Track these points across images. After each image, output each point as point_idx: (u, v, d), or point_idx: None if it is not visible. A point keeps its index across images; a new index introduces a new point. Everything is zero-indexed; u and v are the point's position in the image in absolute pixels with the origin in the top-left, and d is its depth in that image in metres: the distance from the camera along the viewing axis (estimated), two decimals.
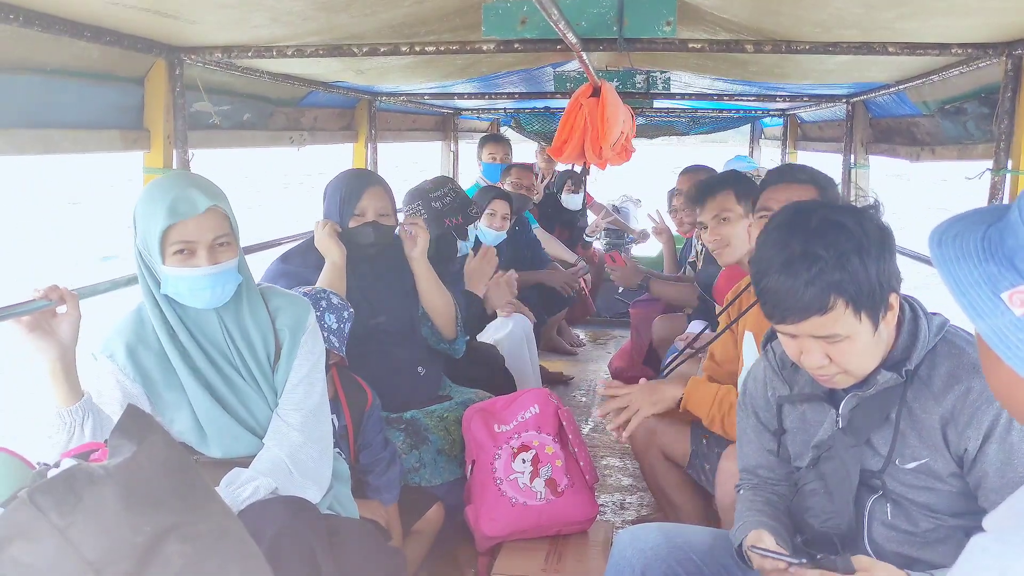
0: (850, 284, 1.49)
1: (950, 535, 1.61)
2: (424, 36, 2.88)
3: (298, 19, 2.29)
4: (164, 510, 1.36)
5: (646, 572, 1.83)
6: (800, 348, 1.59)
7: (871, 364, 1.60)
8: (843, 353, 1.55)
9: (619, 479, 3.75)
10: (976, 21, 2.33)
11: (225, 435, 1.94)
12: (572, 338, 6.12)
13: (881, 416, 1.63)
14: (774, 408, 1.84)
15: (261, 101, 3.42)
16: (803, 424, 1.79)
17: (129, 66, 2.52)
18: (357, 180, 2.92)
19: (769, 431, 1.87)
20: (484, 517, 2.66)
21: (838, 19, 2.42)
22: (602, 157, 3.71)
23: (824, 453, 1.71)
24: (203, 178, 1.96)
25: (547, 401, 2.84)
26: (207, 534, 1.39)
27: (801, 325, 1.54)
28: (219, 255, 1.88)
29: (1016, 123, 2.67)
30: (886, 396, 1.62)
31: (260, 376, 1.99)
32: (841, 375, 1.60)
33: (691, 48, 2.63)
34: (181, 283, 1.87)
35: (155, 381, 1.93)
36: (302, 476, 1.94)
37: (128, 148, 2.58)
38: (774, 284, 1.53)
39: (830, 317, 1.51)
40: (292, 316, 2.05)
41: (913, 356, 1.60)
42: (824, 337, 1.54)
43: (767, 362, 1.88)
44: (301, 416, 1.99)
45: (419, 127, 5.93)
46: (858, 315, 1.52)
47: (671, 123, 7.06)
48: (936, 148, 3.67)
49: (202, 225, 1.85)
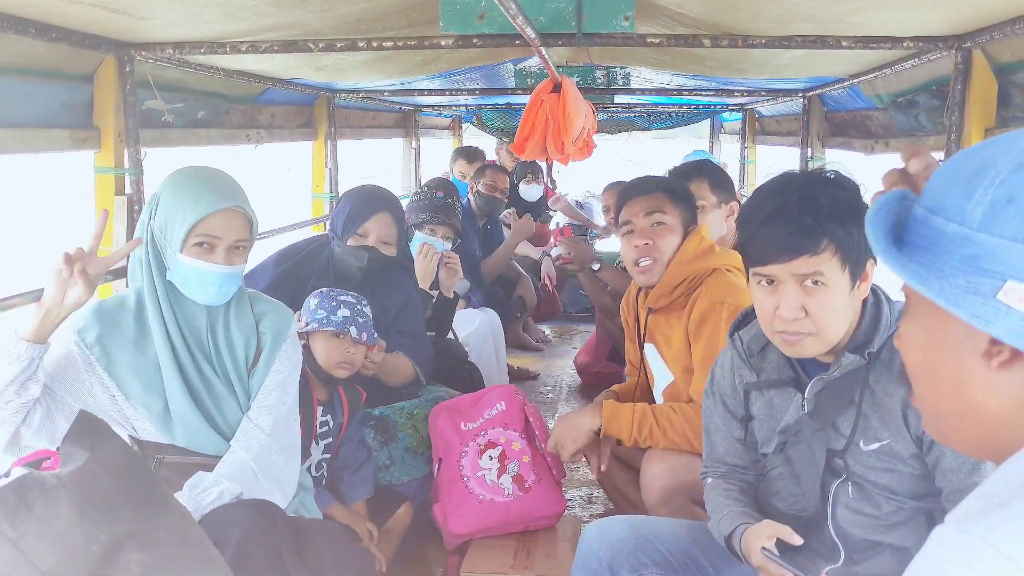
0: (841, 233, 1.55)
1: (912, 517, 1.64)
2: (382, 32, 2.85)
3: (252, 15, 2.25)
4: (120, 518, 1.33)
5: (613, 564, 1.83)
6: (778, 300, 1.60)
7: (840, 329, 1.62)
8: (820, 305, 1.58)
9: (586, 473, 3.76)
10: (927, 15, 2.37)
11: (192, 431, 1.92)
12: (538, 334, 6.13)
13: (846, 399, 1.65)
14: (741, 395, 1.85)
15: (216, 98, 3.37)
16: (770, 410, 1.80)
17: (77, 63, 2.46)
18: (369, 201, 2.90)
19: (736, 418, 1.88)
20: (452, 515, 2.64)
21: (793, 13, 2.45)
22: (564, 152, 3.73)
23: (791, 438, 1.73)
24: (232, 179, 1.98)
25: (513, 398, 2.83)
26: (166, 541, 1.36)
27: (790, 264, 1.56)
28: (234, 257, 1.91)
29: (966, 115, 2.72)
30: (849, 379, 1.65)
31: (235, 377, 1.99)
32: (811, 337, 1.61)
33: (649, 43, 2.65)
34: (192, 274, 1.88)
35: (125, 367, 1.91)
36: (267, 480, 1.93)
37: (78, 147, 2.53)
38: (769, 225, 1.57)
39: (819, 259, 1.55)
40: (275, 322, 2.06)
41: (875, 339, 1.63)
42: (808, 276, 1.56)
43: (734, 350, 1.88)
44: (272, 420, 1.98)
45: (379, 124, 5.89)
46: (843, 267, 1.56)
47: (631, 118, 7.11)
48: (890, 141, 3.73)
49: (229, 224, 1.89)
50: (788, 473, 1.75)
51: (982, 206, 0.78)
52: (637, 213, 2.53)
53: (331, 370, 2.36)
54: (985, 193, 0.78)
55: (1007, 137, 0.82)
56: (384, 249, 2.87)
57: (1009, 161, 0.78)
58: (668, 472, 2.34)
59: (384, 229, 2.86)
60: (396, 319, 2.96)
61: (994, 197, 0.77)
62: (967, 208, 0.79)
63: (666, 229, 2.50)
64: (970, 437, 0.87)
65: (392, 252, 2.91)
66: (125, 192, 2.73)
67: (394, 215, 2.91)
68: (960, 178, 0.81)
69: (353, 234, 2.83)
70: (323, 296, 2.47)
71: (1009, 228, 0.76)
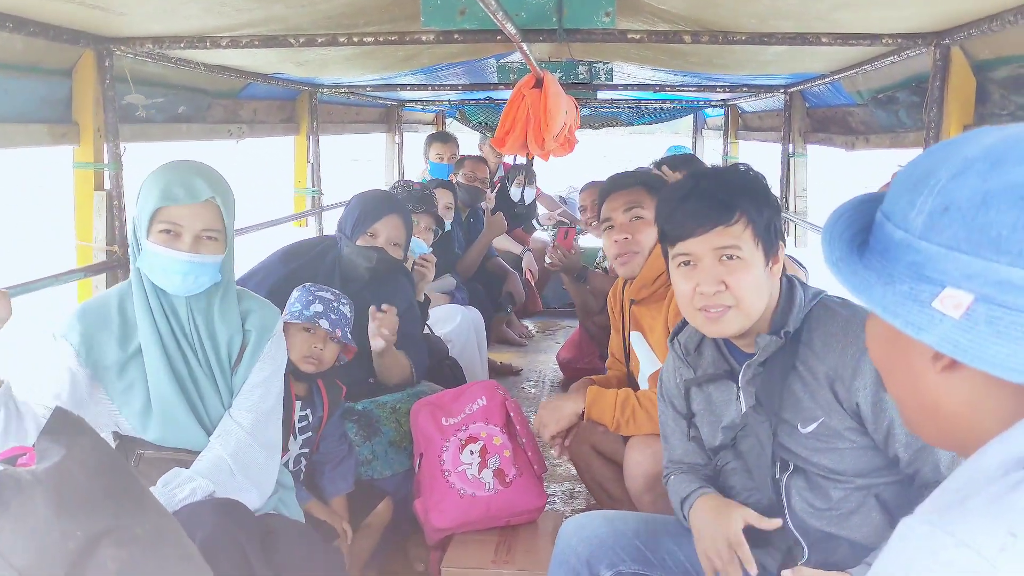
0: (752, 208, 1.65)
1: (862, 503, 1.66)
2: (363, 27, 2.85)
3: (231, 10, 2.24)
4: (96, 514, 1.32)
5: (591, 560, 1.84)
6: (697, 279, 1.67)
7: (759, 303, 1.66)
8: (738, 280, 1.64)
9: (568, 468, 3.77)
10: (906, 12, 2.39)
11: (172, 422, 1.92)
12: (521, 329, 6.13)
13: (781, 384, 1.69)
14: (682, 392, 1.90)
15: (197, 93, 3.34)
16: (709, 405, 1.84)
17: (56, 58, 2.44)
18: (380, 203, 2.94)
19: (684, 418, 1.92)
20: (433, 509, 2.65)
21: (774, 10, 2.46)
22: (545, 148, 3.72)
23: (739, 432, 1.76)
24: (214, 171, 1.95)
25: (494, 393, 2.84)
26: (142, 537, 1.36)
27: (705, 236, 1.64)
28: (203, 247, 1.88)
29: (945, 111, 2.74)
30: (776, 363, 1.69)
31: (218, 372, 1.98)
32: (732, 311, 1.66)
33: (630, 39, 2.65)
34: (156, 261, 1.87)
35: (108, 366, 1.90)
36: (244, 478, 1.92)
37: (56, 142, 2.51)
38: (685, 202, 1.67)
39: (733, 230, 1.64)
40: (261, 319, 2.05)
41: (790, 320, 1.69)
42: (724, 250, 1.64)
43: (674, 352, 1.94)
44: (253, 418, 1.98)
45: (362, 119, 5.87)
46: (756, 242, 1.65)
47: (615, 114, 7.12)
48: (870, 137, 3.76)
49: (196, 213, 1.86)
50: (741, 468, 1.79)
51: (923, 214, 0.80)
52: (616, 208, 2.60)
53: (298, 363, 2.36)
54: (926, 201, 0.80)
55: (954, 142, 0.83)
56: (392, 251, 2.90)
57: (949, 168, 0.80)
58: (652, 458, 2.37)
59: (394, 231, 2.90)
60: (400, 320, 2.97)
61: (933, 206, 0.79)
62: (911, 215, 0.81)
63: (644, 223, 2.55)
64: (934, 431, 0.88)
65: (400, 255, 2.95)
66: (104, 187, 2.72)
67: (404, 219, 2.95)
68: (908, 184, 0.83)
69: (363, 234, 2.86)
70: (303, 290, 2.48)
71: (946, 236, 0.78)
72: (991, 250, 0.76)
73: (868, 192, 0.97)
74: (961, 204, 0.78)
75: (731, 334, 1.71)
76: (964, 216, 0.77)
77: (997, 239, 0.76)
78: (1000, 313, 0.76)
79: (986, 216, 0.76)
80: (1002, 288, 0.76)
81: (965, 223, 0.77)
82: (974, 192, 0.77)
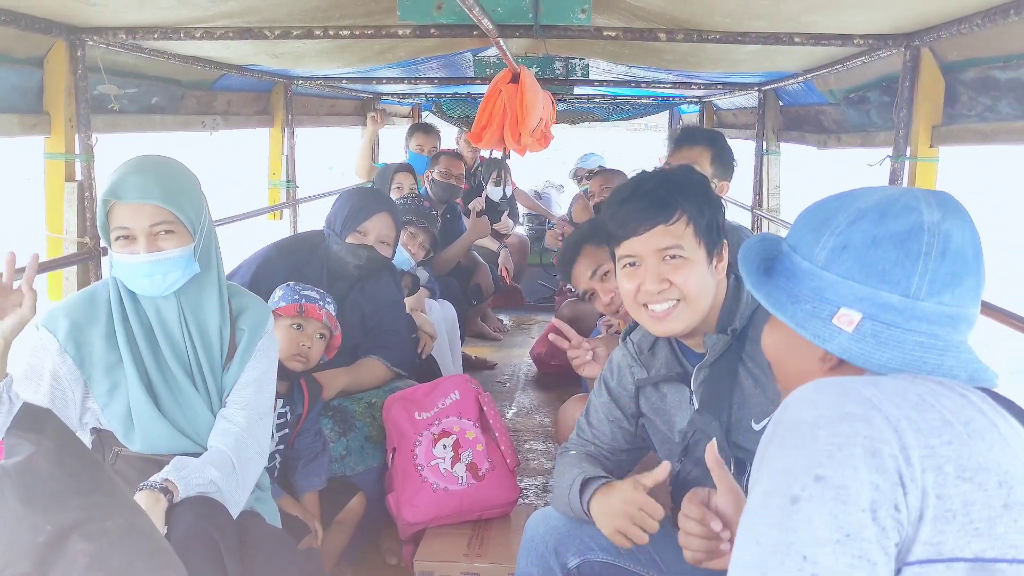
0: (693, 207, 1.67)
1: None
2: (339, 20, 2.84)
3: (206, 1, 2.23)
4: (66, 508, 1.31)
5: (559, 548, 1.85)
6: (641, 278, 1.69)
7: (705, 299, 1.69)
8: (683, 277, 1.67)
9: (542, 462, 3.80)
10: (877, 14, 2.42)
11: (151, 430, 1.89)
12: (496, 323, 6.14)
13: (729, 384, 1.71)
14: (632, 390, 1.91)
15: (171, 84, 3.31)
16: (663, 405, 1.86)
17: (27, 47, 2.41)
18: (369, 200, 2.95)
19: (624, 412, 1.94)
20: (406, 504, 2.66)
21: (747, 10, 2.49)
22: (521, 143, 3.73)
23: (691, 439, 1.78)
24: (166, 166, 1.88)
25: (467, 387, 2.85)
26: (112, 531, 1.35)
27: (647, 236, 1.67)
28: (160, 242, 1.83)
29: (914, 112, 2.78)
30: (725, 362, 1.71)
31: (208, 371, 1.95)
32: (680, 305, 1.68)
33: (606, 36, 2.66)
34: (122, 269, 1.85)
35: (95, 364, 1.87)
36: (243, 474, 1.91)
37: (27, 133, 2.48)
38: (627, 203, 1.70)
39: (674, 229, 1.66)
40: (254, 318, 2.02)
41: (737, 317, 1.72)
42: (667, 250, 1.66)
43: (626, 351, 1.95)
44: (246, 416, 1.95)
45: (338, 112, 5.84)
46: (698, 241, 1.67)
47: (591, 109, 7.13)
48: (842, 136, 3.80)
49: (137, 212, 1.81)
50: (703, 475, 1.76)
51: (826, 249, 1.06)
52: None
53: (286, 362, 2.36)
54: (828, 240, 1.07)
55: (850, 194, 1.10)
56: (382, 249, 2.91)
57: (847, 216, 1.06)
58: None
59: (384, 229, 2.91)
60: (384, 316, 3.00)
61: (834, 244, 1.06)
62: (815, 250, 1.08)
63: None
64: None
65: (389, 253, 2.96)
66: (76, 178, 2.69)
67: (394, 217, 2.96)
68: (812, 224, 1.10)
69: (353, 231, 2.86)
70: (288, 289, 2.52)
71: (843, 268, 1.04)
72: (877, 280, 1.02)
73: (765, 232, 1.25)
74: (856, 244, 1.04)
75: (678, 331, 1.72)
76: (858, 253, 1.03)
77: (882, 271, 1.02)
78: (881, 328, 1.02)
79: (875, 254, 1.02)
80: (884, 309, 1.01)
81: (859, 259, 1.03)
82: (866, 235, 1.03)
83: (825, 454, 0.86)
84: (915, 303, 1.01)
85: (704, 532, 1.32)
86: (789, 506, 0.85)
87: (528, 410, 4.48)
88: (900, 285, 1.01)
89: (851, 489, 0.83)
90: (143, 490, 1.72)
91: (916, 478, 0.84)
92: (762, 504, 0.89)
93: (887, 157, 2.88)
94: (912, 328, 1.01)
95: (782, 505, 0.86)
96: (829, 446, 0.86)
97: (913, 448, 0.85)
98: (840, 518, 0.82)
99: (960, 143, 2.68)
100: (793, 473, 0.87)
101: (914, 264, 1.01)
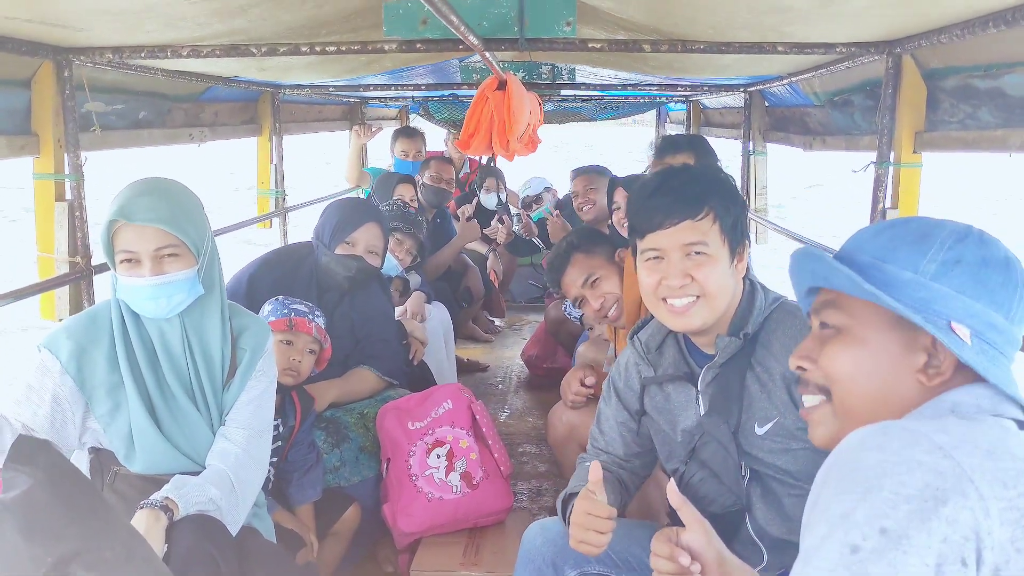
0: (720, 204, 1.68)
1: None
2: (325, 36, 2.85)
3: (192, 24, 2.24)
4: (65, 539, 1.33)
5: (556, 561, 1.86)
6: (663, 272, 1.70)
7: (723, 298, 1.71)
8: (705, 274, 1.68)
9: (536, 466, 3.82)
10: (858, 24, 2.44)
11: (152, 451, 1.90)
12: (488, 325, 6.15)
13: (737, 387, 1.73)
14: (638, 389, 1.93)
15: (157, 98, 3.32)
16: (667, 405, 1.87)
17: (14, 68, 2.41)
18: (358, 211, 2.97)
19: (630, 412, 1.96)
20: (401, 514, 2.68)
21: (730, 21, 2.51)
22: (509, 149, 3.75)
23: (698, 441, 1.79)
24: (172, 189, 1.90)
25: (459, 396, 2.87)
26: (111, 560, 1.37)
27: (673, 231, 1.67)
28: (165, 266, 1.85)
29: (897, 117, 2.81)
30: (734, 365, 1.73)
31: (209, 391, 1.96)
32: (699, 302, 1.70)
33: (591, 48, 2.68)
34: (127, 292, 1.87)
35: (96, 384, 1.89)
36: (241, 492, 1.92)
37: (16, 154, 2.49)
38: (655, 197, 1.70)
39: (701, 225, 1.67)
40: (254, 337, 2.04)
41: (750, 322, 1.73)
42: (692, 246, 1.67)
43: (633, 349, 1.97)
44: (246, 435, 1.97)
45: (325, 117, 5.84)
46: (723, 239, 1.68)
47: (578, 109, 7.14)
48: (827, 138, 3.83)
49: (142, 235, 1.83)
50: (709, 476, 1.80)
51: (935, 263, 1.05)
52: None
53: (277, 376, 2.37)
54: (937, 253, 1.05)
55: (924, 219, 1.10)
56: (370, 259, 2.92)
57: (948, 233, 1.06)
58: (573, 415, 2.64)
59: (372, 239, 2.92)
60: (374, 326, 3.01)
61: (945, 258, 1.05)
62: (921, 262, 1.06)
63: None
64: (864, 411, 1.09)
65: (377, 263, 2.97)
66: (66, 198, 2.70)
67: (382, 227, 2.98)
68: (908, 239, 1.08)
69: (342, 242, 2.87)
70: (277, 303, 2.53)
71: (956, 282, 1.03)
72: (988, 298, 1.02)
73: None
74: (969, 261, 1.04)
75: (695, 328, 1.73)
76: (971, 270, 1.03)
77: (992, 291, 1.03)
78: (986, 347, 1.02)
79: (986, 273, 1.03)
80: (990, 327, 1.02)
81: (972, 275, 1.03)
82: (976, 254, 1.04)
83: (890, 504, 0.83)
84: (1011, 327, 1.03)
85: (675, 569, 1.33)
86: (849, 555, 0.84)
87: (521, 412, 4.50)
88: (1004, 307, 1.03)
89: (917, 543, 0.81)
90: (144, 508, 1.73)
91: (994, 531, 0.82)
92: (818, 549, 0.87)
93: (871, 163, 2.90)
94: (1006, 352, 1.03)
95: (842, 553, 0.84)
96: (895, 496, 0.84)
97: (991, 500, 0.83)
98: (902, 573, 0.81)
99: (943, 149, 2.70)
100: (853, 520, 0.85)
101: (1015, 289, 1.03)
